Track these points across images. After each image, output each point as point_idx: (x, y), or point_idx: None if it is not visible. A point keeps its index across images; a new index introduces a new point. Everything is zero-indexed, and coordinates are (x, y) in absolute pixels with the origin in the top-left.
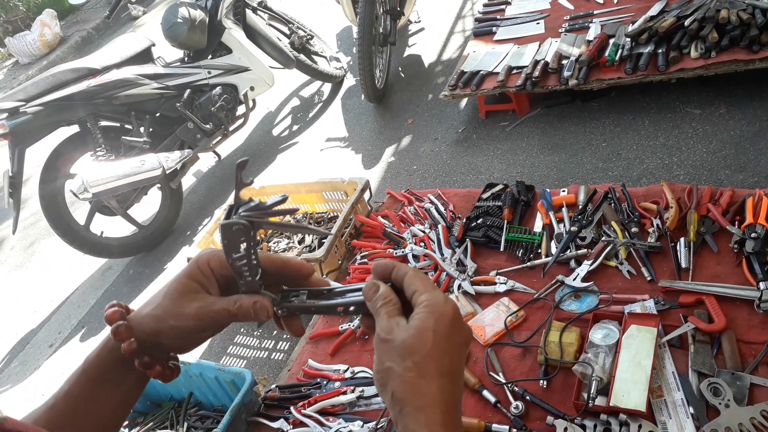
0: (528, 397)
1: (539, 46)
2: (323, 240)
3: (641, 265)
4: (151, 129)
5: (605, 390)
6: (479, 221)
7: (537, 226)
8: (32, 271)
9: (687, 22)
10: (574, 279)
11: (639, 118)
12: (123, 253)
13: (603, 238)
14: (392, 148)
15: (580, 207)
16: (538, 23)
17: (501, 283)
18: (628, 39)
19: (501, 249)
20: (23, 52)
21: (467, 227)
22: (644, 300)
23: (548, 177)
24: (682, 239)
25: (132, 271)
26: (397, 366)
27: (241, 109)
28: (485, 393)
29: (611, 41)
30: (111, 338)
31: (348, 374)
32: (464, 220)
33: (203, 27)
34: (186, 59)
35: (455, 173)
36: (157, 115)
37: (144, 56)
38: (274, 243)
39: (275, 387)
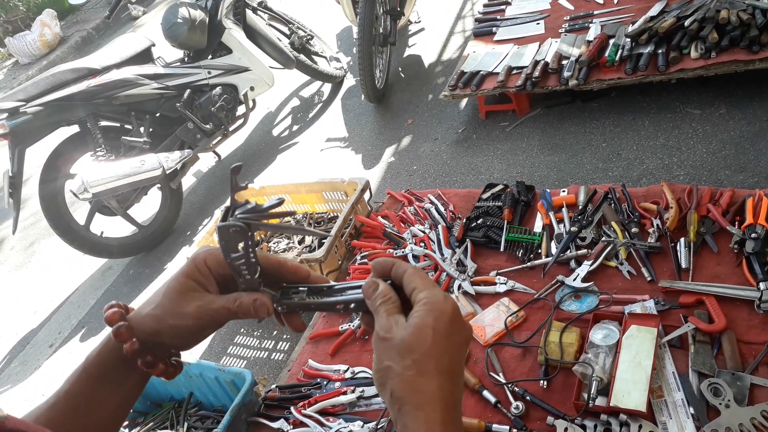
0: (528, 398)
1: (539, 47)
2: (323, 240)
3: (641, 266)
4: (151, 129)
5: (605, 390)
6: (479, 221)
7: (537, 227)
8: (32, 271)
9: (687, 23)
10: (574, 279)
11: (639, 119)
12: (123, 253)
13: (603, 239)
14: (392, 149)
15: (580, 207)
16: (538, 23)
17: (501, 284)
18: (628, 39)
19: (501, 249)
20: (23, 52)
21: (467, 227)
22: (644, 300)
23: (548, 177)
24: (682, 239)
25: (132, 271)
26: (396, 364)
27: (241, 109)
28: (485, 393)
29: (611, 41)
30: (112, 338)
31: (348, 374)
32: (464, 221)
33: (203, 27)
34: (186, 59)
35: (455, 173)
36: (157, 115)
37: (144, 56)
38: (274, 243)
39: (275, 387)
